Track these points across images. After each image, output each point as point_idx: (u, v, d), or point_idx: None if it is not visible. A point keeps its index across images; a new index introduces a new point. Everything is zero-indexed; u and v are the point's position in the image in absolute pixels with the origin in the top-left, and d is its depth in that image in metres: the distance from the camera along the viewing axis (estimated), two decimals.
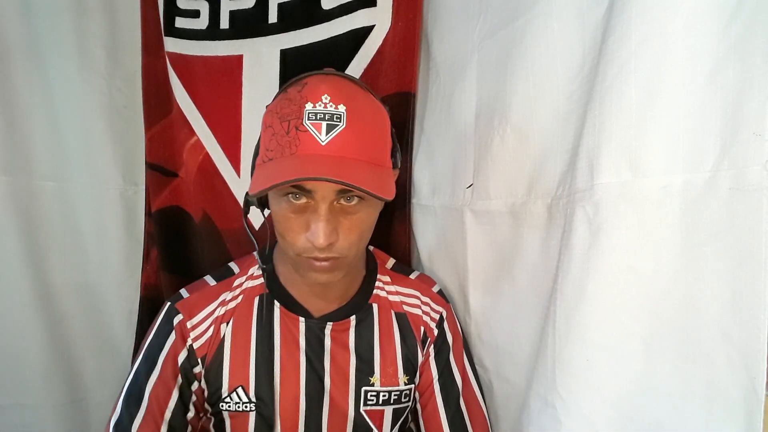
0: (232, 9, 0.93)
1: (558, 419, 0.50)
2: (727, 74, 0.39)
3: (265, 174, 0.54)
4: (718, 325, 0.39)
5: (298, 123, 0.52)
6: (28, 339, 0.86)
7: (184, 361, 0.65)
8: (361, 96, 0.57)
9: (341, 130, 0.53)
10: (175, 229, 0.99)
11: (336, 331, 0.68)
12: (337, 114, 0.53)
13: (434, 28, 0.84)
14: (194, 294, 0.68)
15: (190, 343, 0.65)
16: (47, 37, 0.87)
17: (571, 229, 0.50)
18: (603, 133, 0.47)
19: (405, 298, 0.73)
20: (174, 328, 0.65)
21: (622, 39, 0.45)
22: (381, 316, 0.71)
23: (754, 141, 0.37)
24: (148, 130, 0.99)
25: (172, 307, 0.67)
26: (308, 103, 0.53)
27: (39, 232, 0.88)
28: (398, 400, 0.69)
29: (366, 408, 0.68)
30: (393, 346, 0.70)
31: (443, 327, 0.73)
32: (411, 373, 0.70)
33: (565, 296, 0.51)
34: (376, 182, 0.53)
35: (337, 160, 0.52)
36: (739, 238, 0.38)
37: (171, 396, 0.64)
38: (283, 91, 0.57)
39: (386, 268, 0.76)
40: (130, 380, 0.64)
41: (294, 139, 0.52)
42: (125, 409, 0.62)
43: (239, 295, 0.69)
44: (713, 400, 0.40)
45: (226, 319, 0.67)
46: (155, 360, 0.64)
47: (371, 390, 0.68)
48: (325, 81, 0.55)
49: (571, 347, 0.50)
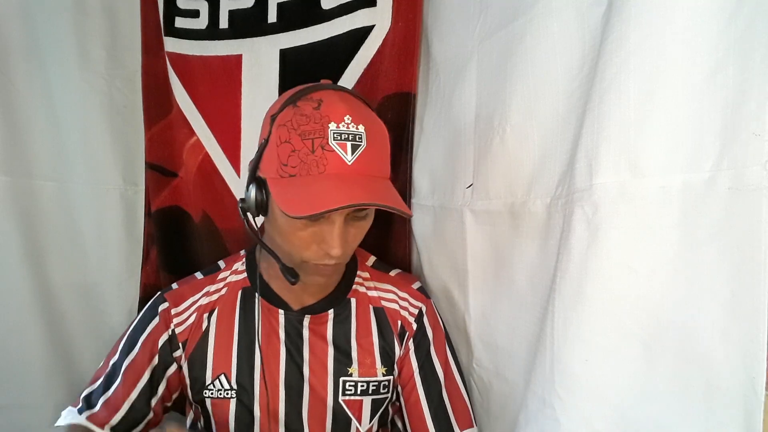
0: (231, 9, 0.93)
1: (556, 419, 0.50)
2: (726, 74, 0.39)
3: (297, 194, 0.54)
4: (717, 326, 0.39)
5: (324, 142, 0.55)
6: (28, 339, 0.87)
7: (164, 344, 0.69)
8: (372, 115, 0.61)
9: (364, 150, 0.56)
10: (174, 228, 0.99)
11: (314, 323, 0.71)
12: (358, 134, 0.56)
13: (434, 28, 0.83)
14: (183, 286, 0.73)
15: (172, 328, 0.69)
16: (47, 37, 0.88)
17: (570, 228, 0.50)
18: (602, 132, 0.47)
19: (382, 293, 0.75)
20: (158, 314, 0.69)
21: (621, 39, 0.45)
22: (359, 310, 0.73)
23: (754, 141, 0.37)
24: (148, 130, 0.99)
25: (160, 296, 0.72)
26: (332, 123, 0.55)
27: (39, 232, 0.88)
28: (377, 390, 0.71)
29: (344, 398, 0.70)
30: (370, 338, 0.72)
31: (422, 321, 0.74)
32: (389, 364, 0.72)
33: (564, 296, 0.51)
34: (399, 199, 0.58)
35: (365, 179, 0.56)
36: (739, 238, 0.38)
37: (141, 377, 0.67)
38: (292, 105, 0.58)
39: (366, 265, 0.78)
40: (114, 359, 0.68)
41: (321, 158, 0.55)
42: (100, 383, 0.67)
43: (223, 288, 0.73)
44: (712, 400, 0.40)
45: (209, 308, 0.71)
46: (135, 341, 0.68)
47: (349, 380, 0.70)
48: (342, 100, 0.58)
49: (569, 347, 0.50)
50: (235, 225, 0.96)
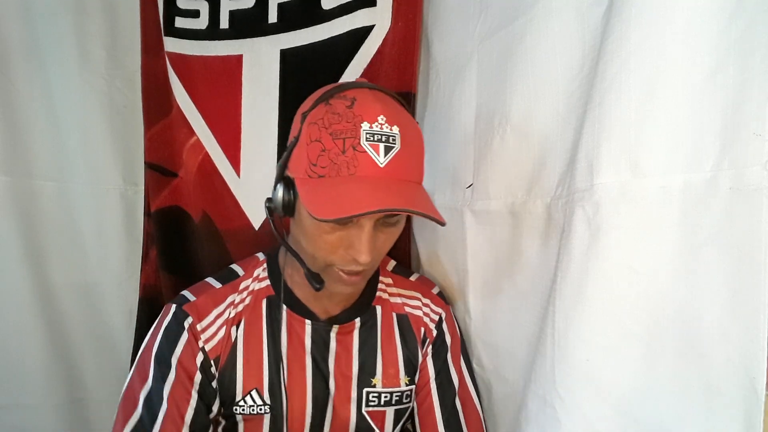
0: (231, 9, 0.93)
1: (557, 419, 0.50)
2: (727, 74, 0.39)
3: (325, 195, 0.52)
4: (717, 325, 0.39)
5: (355, 143, 0.52)
6: (28, 339, 0.87)
7: (203, 362, 0.64)
8: (408, 116, 0.58)
9: (397, 152, 0.53)
10: (174, 229, 0.99)
11: (341, 333, 0.69)
12: (392, 136, 0.53)
13: (434, 28, 0.83)
14: (201, 297, 0.67)
15: (202, 345, 0.64)
16: (47, 38, 0.88)
17: (571, 229, 0.50)
18: (603, 132, 0.47)
19: (407, 300, 0.74)
20: (187, 330, 0.64)
21: (621, 39, 0.45)
22: (383, 317, 0.71)
23: (754, 141, 0.37)
24: (148, 130, 0.98)
25: (179, 310, 0.65)
26: (365, 122, 0.53)
27: (39, 232, 0.88)
28: (399, 400, 0.70)
29: (368, 409, 0.68)
30: (394, 348, 0.70)
31: (442, 328, 0.73)
32: (412, 373, 0.71)
33: (565, 296, 0.51)
34: (432, 206, 0.55)
35: (398, 183, 0.53)
36: (739, 239, 0.38)
37: (190, 398, 0.62)
38: (324, 102, 0.56)
39: (387, 270, 0.76)
40: (148, 387, 0.61)
41: (352, 159, 0.52)
42: (146, 413, 0.59)
43: (247, 297, 0.68)
44: (712, 400, 0.40)
45: (236, 321, 0.66)
46: (169, 363, 0.62)
47: (373, 391, 0.68)
48: (377, 100, 0.55)
49: (570, 347, 0.50)
50: (235, 225, 0.96)
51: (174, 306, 0.65)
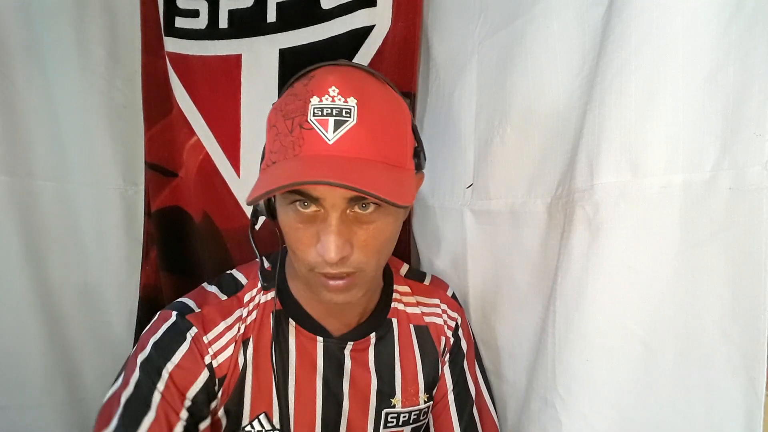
0: (230, 8, 0.93)
1: (558, 419, 0.50)
2: (727, 74, 0.39)
3: (265, 179, 0.47)
4: (717, 326, 0.39)
5: (302, 120, 0.46)
6: (28, 339, 0.86)
7: (207, 380, 0.56)
8: (376, 87, 0.51)
9: (351, 127, 0.46)
10: (175, 229, 0.99)
11: (356, 350, 0.63)
12: (346, 108, 0.46)
13: (434, 28, 0.83)
14: (206, 308, 0.59)
15: (209, 361, 0.56)
16: (47, 37, 0.87)
17: (571, 228, 0.50)
18: (603, 132, 0.47)
19: (425, 309, 0.68)
20: (189, 341, 0.55)
21: (621, 39, 0.45)
22: (400, 331, 0.66)
23: (754, 141, 0.37)
24: (148, 130, 0.99)
25: (181, 318, 0.57)
26: (314, 97, 0.46)
27: (39, 232, 0.88)
28: (417, 418, 0.66)
29: (386, 430, 0.64)
30: (413, 364, 0.65)
31: (458, 334, 0.69)
32: (430, 390, 0.67)
33: (565, 296, 0.51)
34: (391, 186, 0.46)
35: (346, 161, 0.46)
36: (739, 238, 0.38)
37: (179, 418, 0.54)
38: (289, 86, 0.52)
39: (401, 276, 0.70)
40: (131, 392, 0.54)
41: (298, 138, 0.46)
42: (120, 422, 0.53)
43: (254, 311, 0.61)
44: (713, 400, 0.40)
45: (245, 338, 0.59)
46: (159, 373, 0.54)
47: (392, 412, 0.64)
48: (333, 72, 0.49)
49: (571, 347, 0.50)
50: (236, 225, 0.96)
51: (175, 314, 0.57)
